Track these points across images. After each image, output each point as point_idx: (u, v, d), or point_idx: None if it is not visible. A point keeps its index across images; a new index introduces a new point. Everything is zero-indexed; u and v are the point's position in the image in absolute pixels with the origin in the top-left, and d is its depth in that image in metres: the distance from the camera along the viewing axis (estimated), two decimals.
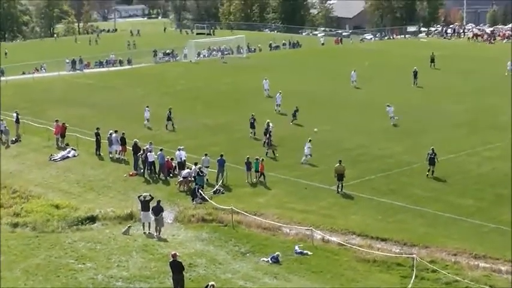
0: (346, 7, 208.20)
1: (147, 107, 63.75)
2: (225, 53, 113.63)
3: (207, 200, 43.24)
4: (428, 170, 47.55)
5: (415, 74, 79.95)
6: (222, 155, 47.10)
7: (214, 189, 45.44)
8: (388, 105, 61.65)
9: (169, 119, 61.81)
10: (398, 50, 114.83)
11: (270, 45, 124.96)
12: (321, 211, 41.89)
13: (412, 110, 66.48)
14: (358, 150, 53.74)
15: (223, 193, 45.30)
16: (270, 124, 55.36)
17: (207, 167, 47.03)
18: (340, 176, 44.37)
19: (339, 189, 44.51)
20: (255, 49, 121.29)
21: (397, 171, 48.69)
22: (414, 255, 34.24)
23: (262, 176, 46.80)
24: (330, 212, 41.70)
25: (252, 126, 58.32)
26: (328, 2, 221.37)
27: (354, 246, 36.20)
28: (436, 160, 47.40)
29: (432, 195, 43.89)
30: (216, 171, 46.88)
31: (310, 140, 51.20)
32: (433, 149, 47.72)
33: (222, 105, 70.91)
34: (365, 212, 41.59)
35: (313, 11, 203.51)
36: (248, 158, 47.31)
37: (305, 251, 35.81)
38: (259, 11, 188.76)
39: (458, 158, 51.36)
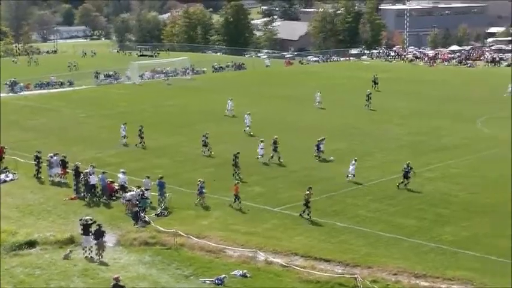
0: (290, 29, 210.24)
1: (124, 124, 63.69)
2: (170, 74, 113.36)
3: (149, 223, 42.81)
4: (402, 182, 49.27)
5: (369, 96, 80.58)
6: (161, 177, 46.72)
7: (157, 211, 45.04)
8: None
9: (140, 137, 62.04)
10: (342, 72, 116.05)
11: (214, 67, 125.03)
12: (265, 233, 41.76)
13: (357, 132, 67.03)
14: (304, 172, 53.89)
15: (166, 216, 44.90)
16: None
17: (148, 189, 46.58)
18: (307, 203, 43.78)
19: (304, 214, 43.79)
20: (198, 71, 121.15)
21: (341, 192, 48.91)
22: (357, 276, 34.33)
23: (237, 199, 46.05)
24: (274, 234, 41.60)
25: (205, 144, 58.89)
26: (272, 24, 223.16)
27: (297, 268, 36.11)
28: (410, 174, 49.37)
29: (375, 216, 44.17)
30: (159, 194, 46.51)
31: (262, 141, 54.95)
32: (408, 164, 49.34)
33: (165, 127, 70.64)
34: (309, 233, 41.59)
35: (257, 33, 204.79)
36: (200, 181, 47.02)
37: (244, 272, 35.61)
38: (202, 32, 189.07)
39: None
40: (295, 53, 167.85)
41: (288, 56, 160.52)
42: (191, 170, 54.63)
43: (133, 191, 46.20)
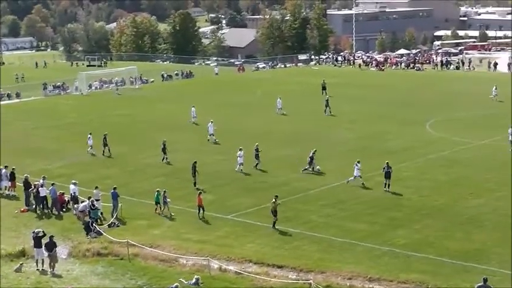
0: (237, 37, 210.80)
1: (90, 134, 63.37)
2: (119, 84, 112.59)
3: (102, 234, 42.46)
4: (385, 185, 49.72)
5: (327, 101, 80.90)
6: (115, 188, 46.46)
7: (109, 222, 44.70)
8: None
9: (105, 145, 61.87)
10: (292, 78, 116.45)
11: (163, 76, 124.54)
12: (217, 241, 41.70)
13: (308, 137, 67.30)
14: (254, 178, 53.97)
15: (118, 226, 44.59)
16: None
17: (98, 200, 46.17)
18: (275, 213, 43.54)
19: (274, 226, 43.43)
20: (146, 80, 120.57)
21: (292, 198, 49.01)
22: (310, 281, 34.46)
23: (201, 210, 45.60)
24: (226, 241, 41.56)
25: (164, 151, 59.09)
26: (220, 31, 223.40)
27: (251, 275, 36.13)
28: (391, 173, 50.02)
29: (327, 221, 44.35)
30: (111, 204, 46.16)
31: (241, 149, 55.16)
32: (387, 163, 49.99)
33: (114, 137, 69.89)
34: (262, 240, 41.62)
35: (205, 41, 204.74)
36: (158, 191, 46.67)
37: (197, 278, 35.46)
38: (150, 41, 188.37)
39: (351, 183, 52.09)
40: (243, 60, 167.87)
41: (237, 62, 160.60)
42: (141, 180, 54.44)
43: (85, 202, 45.82)
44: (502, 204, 46.65)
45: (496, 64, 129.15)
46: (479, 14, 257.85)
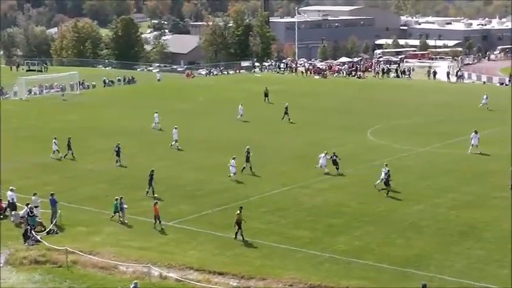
0: (180, 43, 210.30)
1: (55, 138, 62.49)
2: (58, 89, 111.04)
3: (40, 241, 41.79)
4: (386, 189, 50.74)
5: (286, 108, 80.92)
6: (52, 194, 45.76)
7: (48, 229, 44.01)
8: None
9: (69, 148, 61.33)
10: (234, 85, 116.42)
11: (105, 82, 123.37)
12: (159, 248, 41.38)
13: (251, 144, 67.22)
14: (195, 185, 53.64)
15: (57, 233, 43.95)
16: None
17: (37, 206, 45.46)
18: (239, 224, 42.78)
19: (237, 236, 42.58)
20: (88, 85, 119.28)
21: (233, 205, 48.81)
22: None
23: (157, 220, 44.67)
24: (167, 248, 41.26)
25: (118, 154, 59.30)
26: (163, 38, 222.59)
27: (192, 282, 35.95)
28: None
29: (269, 228, 44.33)
30: (50, 211, 45.46)
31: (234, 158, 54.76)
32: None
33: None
34: (203, 246, 41.42)
35: (148, 47, 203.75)
36: (117, 198, 46.02)
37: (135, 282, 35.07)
38: (92, 47, 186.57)
39: (292, 190, 52.26)
40: (186, 67, 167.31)
41: (180, 69, 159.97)
42: (82, 186, 53.81)
43: (24, 208, 45.08)
44: (441, 211, 47.29)
45: (435, 73, 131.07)
46: (419, 24, 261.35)
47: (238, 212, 42.76)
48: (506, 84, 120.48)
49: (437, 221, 45.35)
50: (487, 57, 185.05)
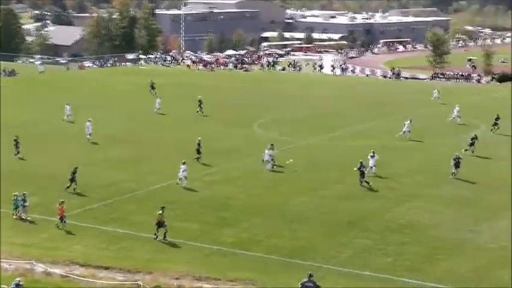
0: (63, 35, 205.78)
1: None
2: None
3: None
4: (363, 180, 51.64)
5: (200, 101, 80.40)
6: None
7: None
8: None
9: (16, 147, 59.30)
10: (120, 78, 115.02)
11: None
12: (43, 243, 40.41)
13: (136, 138, 66.64)
14: (78, 180, 52.02)
15: None
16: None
17: None
18: (160, 224, 41.42)
19: (157, 236, 41.23)
20: None
21: (118, 199, 48.24)
22: (139, 282, 34.07)
23: (62, 220, 42.90)
24: (52, 244, 40.32)
25: (16, 146, 58.60)
26: (45, 29, 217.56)
27: (77, 277, 35.24)
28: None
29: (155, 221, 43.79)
30: None
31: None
32: (361, 162, 51.71)
33: None
34: (88, 241, 40.67)
35: (29, 39, 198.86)
36: (15, 195, 44.49)
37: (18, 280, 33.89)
38: None
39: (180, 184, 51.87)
40: (70, 59, 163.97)
41: (63, 61, 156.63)
42: None
43: None
44: (325, 202, 47.97)
45: (321, 66, 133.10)
46: (305, 17, 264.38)
47: (161, 212, 41.55)
48: (389, 77, 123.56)
49: (322, 212, 45.97)
50: (370, 51, 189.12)
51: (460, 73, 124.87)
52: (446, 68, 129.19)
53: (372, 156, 54.28)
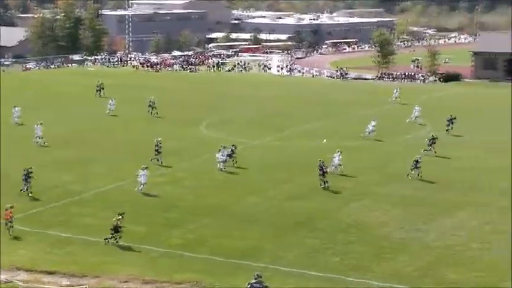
0: (6, 35, 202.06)
1: None
2: None
3: None
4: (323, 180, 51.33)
5: (153, 102, 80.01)
6: None
7: None
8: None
9: None
10: (65, 79, 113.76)
11: None
12: None
13: (83, 140, 65.88)
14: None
15: None
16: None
17: None
18: (116, 229, 40.36)
19: (108, 241, 40.29)
20: None
21: (65, 201, 47.59)
22: (85, 286, 33.68)
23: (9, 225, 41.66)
24: None
25: None
26: None
27: (21, 282, 34.68)
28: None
29: (103, 224, 42.83)
30: None
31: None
32: (321, 161, 51.50)
33: None
34: (33, 246, 40.00)
35: None
36: None
37: None
38: None
39: (127, 185, 51.40)
40: (13, 60, 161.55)
41: (6, 62, 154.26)
42: None
43: None
44: (275, 203, 47.91)
45: (268, 66, 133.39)
46: (252, 18, 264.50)
47: (120, 217, 40.68)
48: (336, 78, 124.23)
49: (271, 213, 45.92)
50: (316, 51, 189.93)
51: (406, 73, 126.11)
52: (392, 68, 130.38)
53: (337, 155, 54.47)
